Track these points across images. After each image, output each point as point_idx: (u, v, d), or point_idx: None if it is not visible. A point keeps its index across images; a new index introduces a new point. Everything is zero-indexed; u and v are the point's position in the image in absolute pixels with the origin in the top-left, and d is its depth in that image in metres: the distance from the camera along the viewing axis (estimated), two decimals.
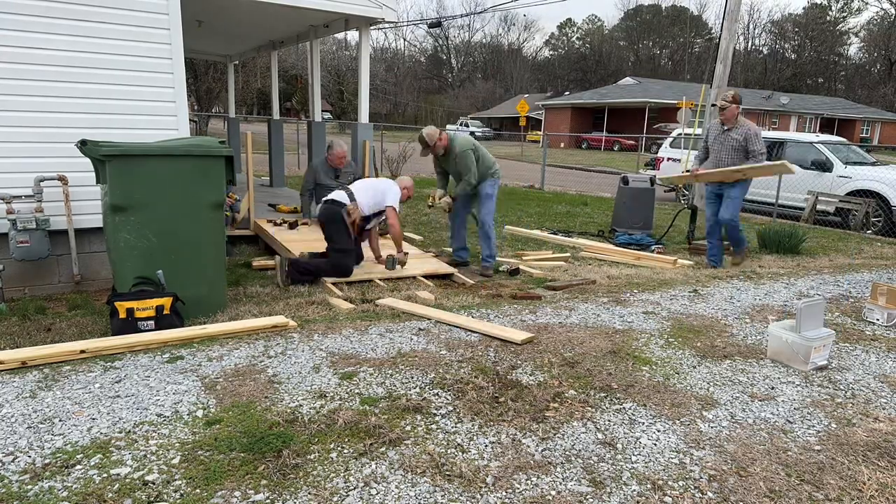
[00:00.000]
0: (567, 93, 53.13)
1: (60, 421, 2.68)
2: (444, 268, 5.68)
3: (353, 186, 5.38)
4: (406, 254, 5.61)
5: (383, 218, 5.47)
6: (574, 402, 3.00)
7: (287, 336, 3.82)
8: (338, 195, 5.26)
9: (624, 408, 2.97)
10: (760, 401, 3.11)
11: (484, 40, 74.37)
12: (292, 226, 6.80)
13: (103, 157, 3.83)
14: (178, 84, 5.03)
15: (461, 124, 44.30)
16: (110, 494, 2.16)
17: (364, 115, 7.61)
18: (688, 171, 6.83)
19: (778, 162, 6.34)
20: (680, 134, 13.40)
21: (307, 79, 10.49)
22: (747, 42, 64.67)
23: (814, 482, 2.39)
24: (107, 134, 4.58)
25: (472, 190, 5.84)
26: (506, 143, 38.65)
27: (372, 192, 5.30)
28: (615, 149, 36.07)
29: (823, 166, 10.44)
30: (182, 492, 2.18)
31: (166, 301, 3.84)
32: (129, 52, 4.79)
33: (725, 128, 6.10)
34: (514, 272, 5.80)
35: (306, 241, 5.99)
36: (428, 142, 5.65)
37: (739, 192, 6.11)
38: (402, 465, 2.40)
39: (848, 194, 10.00)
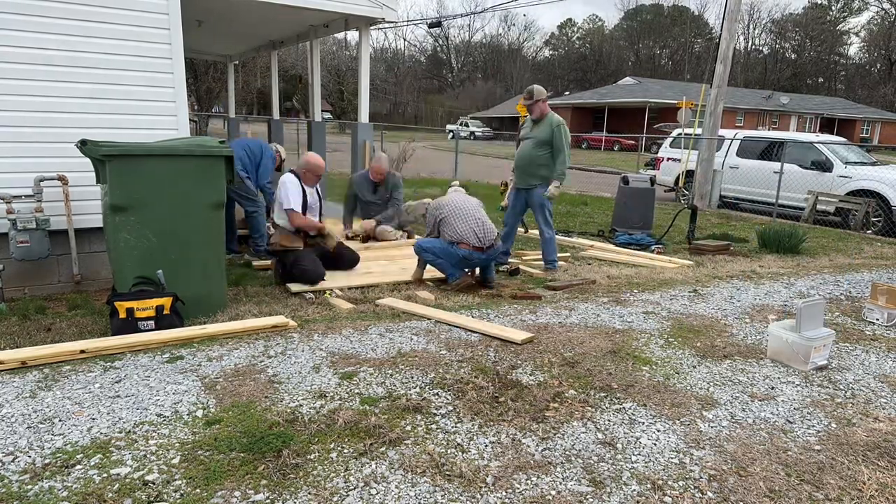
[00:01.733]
0: (567, 93, 53.12)
1: (60, 421, 2.68)
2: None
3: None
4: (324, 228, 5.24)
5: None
6: (574, 402, 3.00)
7: (287, 336, 3.82)
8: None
9: (624, 408, 2.97)
10: (760, 401, 3.11)
11: (484, 40, 74.47)
12: None
13: (103, 157, 3.83)
14: (178, 84, 5.02)
15: (461, 124, 44.28)
16: (110, 494, 2.16)
17: (364, 115, 7.61)
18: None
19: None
20: (680, 134, 13.40)
21: (307, 79, 10.49)
22: (747, 42, 64.72)
23: (814, 482, 2.39)
24: (107, 134, 4.58)
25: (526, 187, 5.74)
26: (506, 143, 38.61)
27: (278, 205, 5.16)
28: (615, 149, 36.05)
29: (823, 166, 10.44)
30: (182, 492, 2.18)
31: (166, 301, 3.84)
32: (129, 53, 4.79)
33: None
34: (514, 272, 5.79)
35: None
36: (537, 96, 5.66)
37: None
38: (402, 464, 2.40)
39: (848, 194, 10.00)
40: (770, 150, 11.38)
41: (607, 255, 6.83)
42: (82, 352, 3.38)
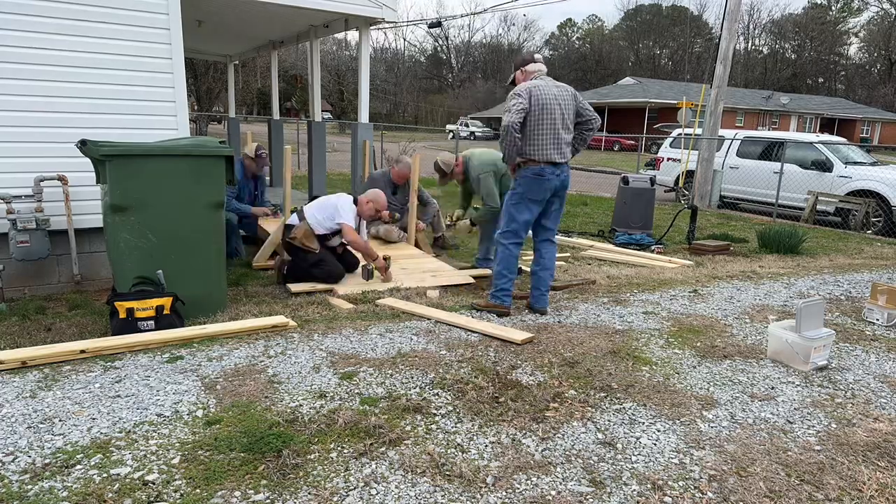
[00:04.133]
0: None
1: (60, 421, 2.68)
2: (458, 278, 5.32)
3: (307, 205, 5.11)
4: (386, 258, 5.06)
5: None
6: (574, 402, 3.00)
7: (287, 336, 3.82)
8: (291, 219, 5.11)
9: (624, 408, 2.97)
10: (760, 401, 3.11)
11: (484, 40, 74.40)
12: None
13: (103, 157, 3.83)
14: (178, 84, 5.03)
15: (461, 124, 44.29)
16: (110, 494, 2.16)
17: (364, 115, 7.61)
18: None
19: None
20: (680, 134, 13.40)
21: (307, 79, 10.49)
22: (747, 42, 64.64)
23: (814, 482, 2.39)
24: (107, 134, 4.58)
25: (495, 213, 5.16)
26: None
27: (324, 209, 4.99)
28: (615, 149, 36.04)
29: (823, 166, 10.44)
30: (182, 492, 2.18)
31: (166, 301, 3.84)
32: (129, 52, 4.79)
33: None
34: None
35: None
36: (445, 170, 5.47)
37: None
38: (402, 465, 2.40)
39: (848, 194, 10.00)
40: (770, 151, 11.38)
41: (607, 255, 6.83)
42: (82, 352, 3.38)
